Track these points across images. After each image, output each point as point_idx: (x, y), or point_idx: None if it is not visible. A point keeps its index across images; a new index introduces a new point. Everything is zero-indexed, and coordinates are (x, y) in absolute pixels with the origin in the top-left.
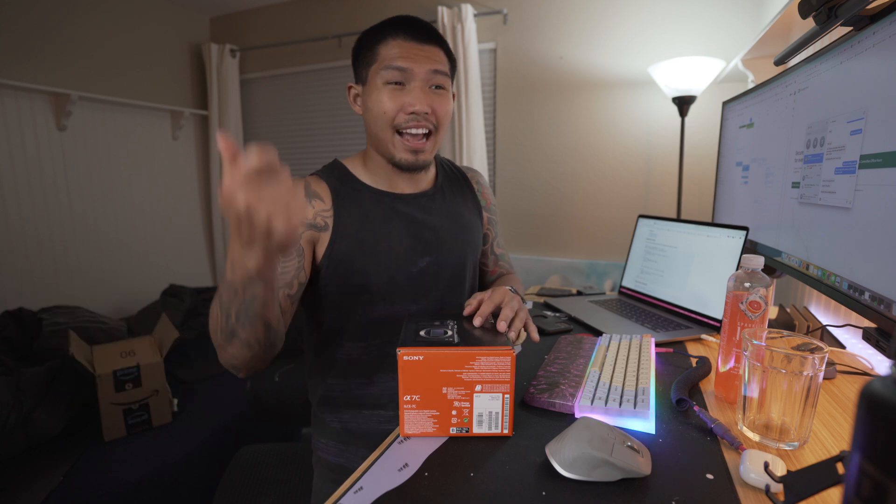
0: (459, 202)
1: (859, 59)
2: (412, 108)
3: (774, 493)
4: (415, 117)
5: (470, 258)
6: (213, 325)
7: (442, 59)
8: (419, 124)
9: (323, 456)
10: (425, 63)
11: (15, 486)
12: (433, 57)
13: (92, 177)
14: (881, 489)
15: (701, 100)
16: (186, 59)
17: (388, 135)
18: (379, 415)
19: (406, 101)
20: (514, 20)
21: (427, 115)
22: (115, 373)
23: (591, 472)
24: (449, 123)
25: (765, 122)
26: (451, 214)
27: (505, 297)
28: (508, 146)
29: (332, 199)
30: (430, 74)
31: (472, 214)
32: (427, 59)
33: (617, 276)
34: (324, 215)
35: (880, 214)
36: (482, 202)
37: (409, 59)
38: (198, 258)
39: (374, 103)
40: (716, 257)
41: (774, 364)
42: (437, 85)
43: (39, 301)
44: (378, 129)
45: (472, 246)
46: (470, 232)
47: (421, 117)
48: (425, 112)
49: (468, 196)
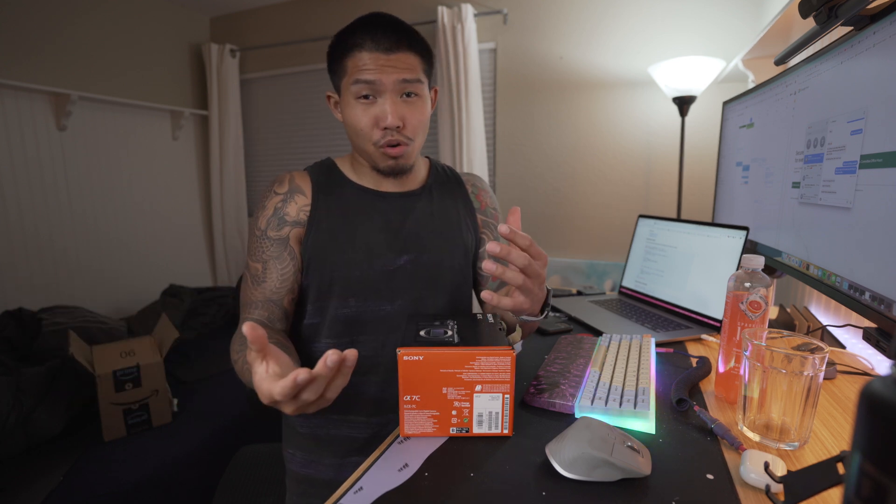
0: (448, 203)
1: (859, 59)
2: (383, 122)
3: (775, 494)
4: (388, 132)
5: (454, 260)
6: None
7: (412, 64)
8: (392, 139)
9: (290, 467)
10: (392, 73)
11: (15, 486)
12: (401, 64)
13: (92, 177)
14: (881, 489)
15: (701, 100)
16: (186, 59)
17: (369, 148)
18: (348, 420)
19: (377, 114)
20: (514, 20)
21: (399, 129)
22: (115, 373)
23: (591, 472)
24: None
25: (765, 122)
26: (436, 214)
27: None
28: (508, 146)
29: (311, 192)
30: (398, 84)
31: (462, 216)
32: (394, 69)
33: (617, 276)
34: (305, 210)
35: (880, 214)
36: (476, 203)
37: (376, 70)
38: (198, 258)
39: (349, 117)
40: (716, 257)
41: (775, 364)
42: (410, 92)
43: (39, 301)
44: (358, 142)
45: (458, 247)
46: (456, 233)
47: (393, 131)
48: (397, 126)
49: (459, 198)
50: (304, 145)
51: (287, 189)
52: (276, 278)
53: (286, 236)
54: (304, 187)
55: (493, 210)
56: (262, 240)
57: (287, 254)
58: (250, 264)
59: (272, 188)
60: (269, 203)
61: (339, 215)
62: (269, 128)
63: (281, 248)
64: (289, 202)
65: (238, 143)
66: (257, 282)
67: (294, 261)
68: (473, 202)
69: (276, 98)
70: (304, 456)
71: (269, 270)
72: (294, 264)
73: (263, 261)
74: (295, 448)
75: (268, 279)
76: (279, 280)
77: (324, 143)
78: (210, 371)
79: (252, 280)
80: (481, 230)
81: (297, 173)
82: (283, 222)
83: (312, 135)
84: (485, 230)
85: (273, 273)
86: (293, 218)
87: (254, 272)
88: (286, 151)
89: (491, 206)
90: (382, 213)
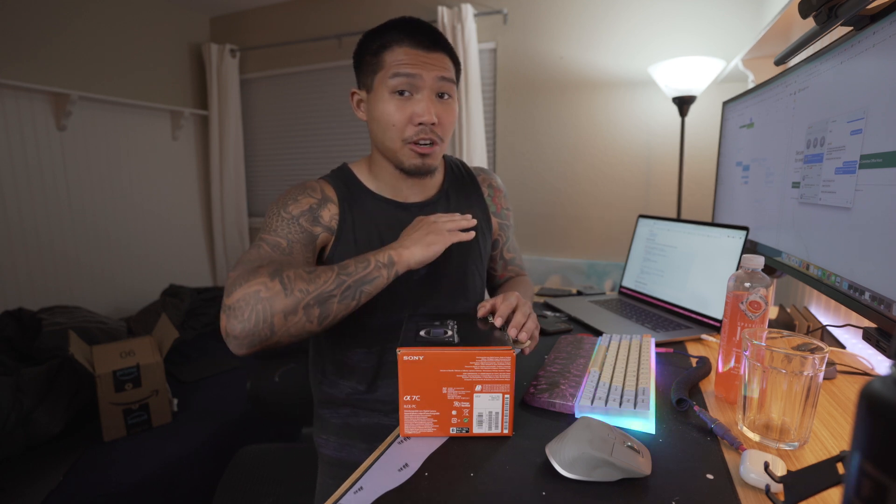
0: (465, 208)
1: (859, 59)
2: (420, 118)
3: (774, 493)
4: (423, 129)
5: (473, 266)
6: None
7: (448, 66)
8: (426, 136)
9: (323, 451)
10: (432, 70)
11: (15, 486)
12: (440, 63)
13: (92, 177)
14: (881, 489)
15: (701, 100)
16: (186, 59)
17: (397, 145)
18: (378, 412)
19: (414, 111)
20: (514, 20)
21: (433, 127)
22: (115, 373)
23: (591, 472)
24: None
25: (765, 122)
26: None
27: (518, 301)
28: (508, 146)
29: (338, 203)
30: (437, 82)
31: (479, 221)
32: (434, 66)
33: (617, 276)
34: (335, 219)
35: (880, 214)
36: (492, 207)
37: (417, 65)
38: (198, 258)
39: (381, 113)
40: (716, 257)
41: (774, 364)
42: (444, 93)
43: (39, 301)
44: (386, 139)
45: (476, 253)
46: (475, 240)
47: (428, 129)
48: (432, 123)
49: (475, 201)
50: (304, 145)
51: (321, 196)
52: (301, 260)
53: (317, 235)
54: (333, 197)
55: (507, 211)
56: (291, 223)
57: (311, 249)
58: (270, 237)
59: (306, 190)
60: (303, 199)
61: (364, 228)
62: (269, 128)
63: (309, 240)
64: (323, 208)
65: (238, 143)
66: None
67: (315, 258)
68: (490, 206)
69: (276, 98)
70: (337, 440)
71: (296, 251)
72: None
73: (290, 241)
74: (329, 434)
75: (294, 256)
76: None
77: (324, 143)
78: (210, 371)
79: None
80: (497, 233)
81: (323, 183)
82: (317, 222)
83: (312, 135)
84: (500, 232)
85: (299, 254)
86: (326, 223)
87: (275, 244)
88: (286, 151)
89: (505, 207)
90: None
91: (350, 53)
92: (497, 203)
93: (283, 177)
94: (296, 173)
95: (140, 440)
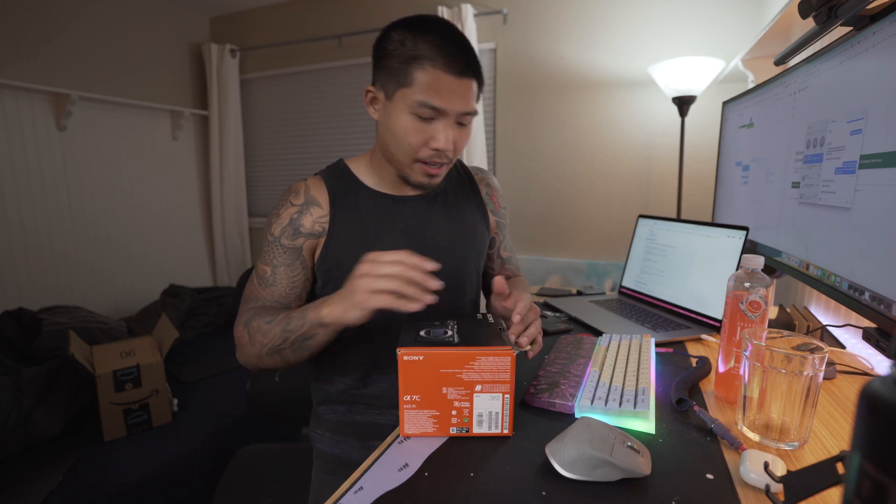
0: (462, 205)
1: (859, 59)
2: (436, 144)
3: (774, 493)
4: (437, 153)
5: (471, 263)
6: (261, 339)
7: (474, 94)
8: (439, 160)
9: (318, 447)
10: (458, 103)
11: (15, 486)
12: (467, 94)
13: (92, 177)
14: (881, 489)
15: (701, 100)
16: (186, 59)
17: (407, 160)
18: (373, 410)
19: (431, 136)
20: (514, 20)
21: (447, 152)
22: (115, 373)
23: (591, 472)
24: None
25: (765, 122)
26: (453, 219)
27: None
28: (508, 146)
29: (329, 201)
30: (460, 115)
31: (476, 218)
32: (461, 99)
33: (617, 276)
34: (321, 221)
35: (880, 214)
36: (490, 206)
37: (444, 97)
38: (198, 258)
39: (398, 128)
40: (716, 257)
41: (774, 364)
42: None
43: (39, 301)
44: (398, 152)
45: (474, 251)
46: (472, 237)
47: (442, 154)
48: (447, 150)
49: (473, 199)
50: (304, 145)
51: (303, 201)
52: (285, 284)
53: (300, 246)
54: (321, 198)
55: (504, 210)
56: (274, 245)
57: (299, 263)
58: (259, 265)
59: (288, 198)
60: (284, 213)
61: (358, 224)
62: (269, 128)
63: (293, 257)
64: (304, 214)
65: (238, 143)
66: (265, 284)
67: (305, 271)
68: (487, 204)
69: (276, 98)
70: (332, 437)
71: (279, 276)
72: (305, 274)
73: (273, 266)
74: (324, 430)
75: (277, 284)
76: (288, 287)
77: (324, 143)
78: (210, 371)
79: (259, 281)
80: (494, 231)
81: (311, 181)
82: (298, 233)
83: (312, 135)
84: (497, 231)
85: (283, 279)
86: (308, 230)
87: (262, 274)
88: (286, 151)
89: (502, 206)
90: (402, 219)
91: (350, 53)
92: (494, 202)
93: (283, 177)
94: (296, 173)
95: (140, 440)
